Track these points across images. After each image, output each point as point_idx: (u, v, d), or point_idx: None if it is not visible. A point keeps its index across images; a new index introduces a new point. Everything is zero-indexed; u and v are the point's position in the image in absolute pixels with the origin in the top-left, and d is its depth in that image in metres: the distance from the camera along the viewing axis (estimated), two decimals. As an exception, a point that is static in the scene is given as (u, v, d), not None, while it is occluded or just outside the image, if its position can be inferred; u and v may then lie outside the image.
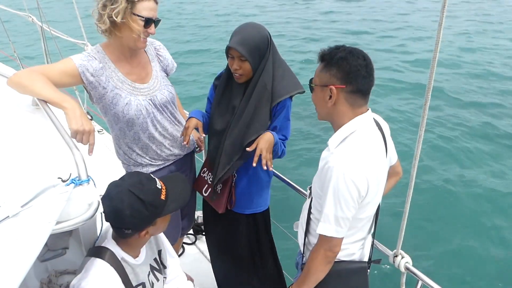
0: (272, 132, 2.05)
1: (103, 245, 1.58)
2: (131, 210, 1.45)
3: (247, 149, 2.00)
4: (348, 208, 1.56)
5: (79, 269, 1.53)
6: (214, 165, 2.21)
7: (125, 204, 1.44)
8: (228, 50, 2.00)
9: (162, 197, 1.53)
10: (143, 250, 1.70)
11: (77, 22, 3.75)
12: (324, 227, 1.61)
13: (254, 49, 1.97)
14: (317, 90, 1.65)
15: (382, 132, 1.71)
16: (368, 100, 1.64)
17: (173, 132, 2.29)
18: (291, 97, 2.09)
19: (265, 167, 1.98)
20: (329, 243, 1.64)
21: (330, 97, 1.59)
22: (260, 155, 1.96)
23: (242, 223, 2.37)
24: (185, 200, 1.67)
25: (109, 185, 1.52)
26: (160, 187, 1.55)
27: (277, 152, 2.08)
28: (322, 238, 1.65)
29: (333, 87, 1.57)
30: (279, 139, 2.11)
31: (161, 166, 2.33)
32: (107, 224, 1.61)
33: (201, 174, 2.43)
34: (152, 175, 1.58)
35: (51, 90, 1.78)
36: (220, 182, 2.24)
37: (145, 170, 2.28)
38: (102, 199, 1.44)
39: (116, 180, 1.54)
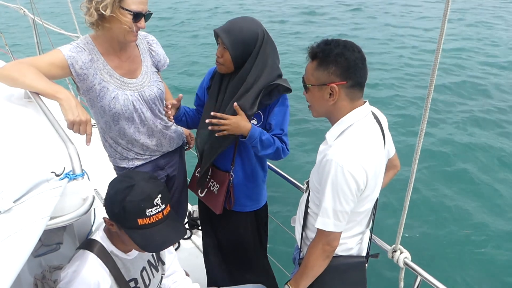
0: (255, 127, 1.97)
1: (93, 237, 1.57)
2: (114, 194, 1.46)
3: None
4: (347, 202, 1.55)
5: (69, 261, 1.52)
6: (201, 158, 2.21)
7: (118, 186, 1.46)
8: (215, 35, 1.97)
9: (139, 221, 1.44)
10: None
11: (69, 14, 3.70)
12: (322, 221, 1.59)
13: (238, 42, 1.92)
14: (314, 89, 1.61)
15: (380, 125, 1.69)
16: (363, 90, 1.62)
17: (160, 128, 2.27)
18: (285, 91, 2.04)
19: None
20: (327, 237, 1.62)
21: (330, 95, 1.56)
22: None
23: (242, 221, 2.35)
24: (148, 249, 1.50)
25: (136, 170, 1.56)
26: (148, 215, 1.44)
27: (257, 149, 1.99)
28: (320, 232, 1.64)
29: (334, 85, 1.54)
30: (276, 133, 2.05)
31: (148, 160, 2.30)
32: (100, 220, 1.59)
33: (196, 174, 2.39)
34: (160, 206, 1.48)
35: (44, 82, 1.74)
36: (206, 177, 2.24)
37: (131, 164, 2.26)
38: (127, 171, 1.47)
39: (145, 173, 1.55)
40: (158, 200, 1.47)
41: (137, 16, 1.92)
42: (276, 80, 1.99)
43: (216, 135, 1.97)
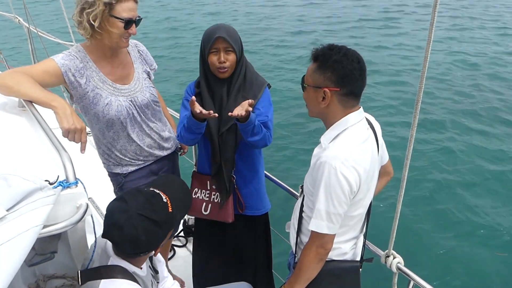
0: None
1: (110, 263, 1.48)
2: (147, 234, 1.36)
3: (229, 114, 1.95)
4: (340, 204, 1.56)
5: None
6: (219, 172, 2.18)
7: (140, 230, 1.35)
8: (214, 43, 1.99)
9: (170, 209, 1.46)
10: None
11: (64, 23, 3.71)
12: (316, 223, 1.61)
13: (237, 41, 2.03)
14: (309, 90, 1.65)
15: (374, 131, 1.72)
16: (359, 100, 1.64)
17: (153, 133, 2.28)
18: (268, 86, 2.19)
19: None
20: (321, 240, 1.64)
21: (323, 98, 1.59)
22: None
23: (250, 225, 2.35)
24: (189, 205, 1.62)
25: (112, 211, 1.40)
26: (166, 200, 1.47)
27: (248, 134, 1.99)
28: (314, 234, 1.65)
29: (327, 89, 1.57)
30: (262, 120, 2.06)
31: (141, 166, 2.30)
32: (101, 240, 1.54)
33: (193, 196, 2.33)
34: (155, 190, 1.50)
35: (39, 90, 1.76)
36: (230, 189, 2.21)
37: (125, 169, 2.26)
38: (109, 228, 1.37)
39: (118, 203, 1.41)
40: (153, 189, 1.50)
41: (128, 23, 1.94)
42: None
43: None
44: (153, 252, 1.50)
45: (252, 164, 2.22)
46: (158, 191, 1.50)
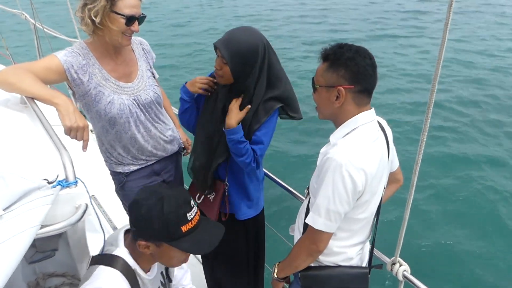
0: (240, 130, 1.98)
1: (115, 253, 1.45)
2: (147, 212, 1.35)
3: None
4: (341, 202, 1.52)
5: (85, 277, 1.40)
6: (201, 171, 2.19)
7: (147, 204, 1.36)
8: (214, 47, 1.94)
9: (183, 228, 1.39)
10: (154, 265, 1.60)
11: (71, 19, 3.70)
12: (313, 218, 1.58)
13: (237, 55, 1.88)
14: (321, 90, 1.61)
15: (385, 135, 1.68)
16: (371, 97, 1.61)
17: (156, 133, 2.25)
18: (279, 114, 2.06)
19: None
20: (314, 236, 1.60)
21: (337, 97, 1.56)
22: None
23: (238, 229, 2.33)
24: (202, 250, 1.51)
25: (158, 183, 1.48)
26: (190, 219, 1.41)
27: (231, 149, 2.02)
28: (309, 228, 1.62)
29: (341, 88, 1.54)
30: (254, 142, 2.03)
31: (143, 165, 2.29)
32: (116, 231, 1.52)
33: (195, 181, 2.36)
34: (195, 206, 1.46)
35: (41, 87, 1.74)
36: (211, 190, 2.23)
37: (127, 168, 2.25)
38: (142, 187, 1.42)
39: (160, 183, 1.53)
40: (192, 201, 1.44)
41: (130, 19, 1.92)
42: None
43: None
44: (138, 239, 1.42)
45: (245, 174, 2.19)
46: (196, 211, 1.45)
